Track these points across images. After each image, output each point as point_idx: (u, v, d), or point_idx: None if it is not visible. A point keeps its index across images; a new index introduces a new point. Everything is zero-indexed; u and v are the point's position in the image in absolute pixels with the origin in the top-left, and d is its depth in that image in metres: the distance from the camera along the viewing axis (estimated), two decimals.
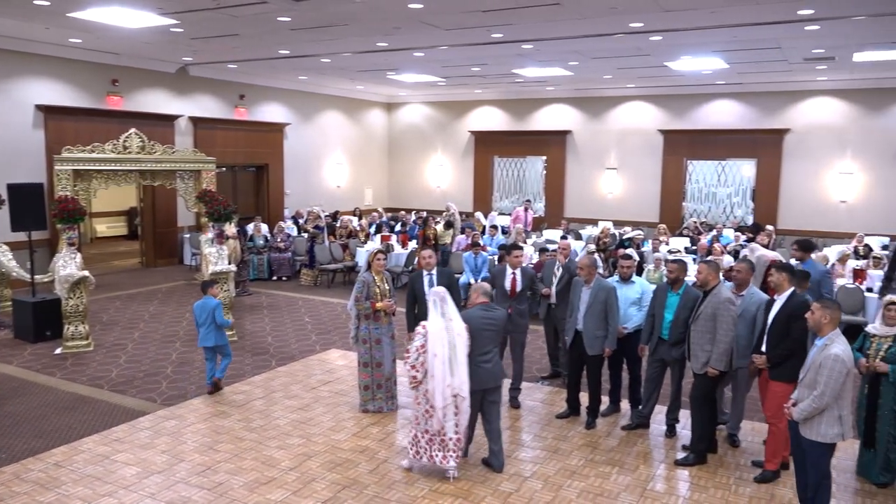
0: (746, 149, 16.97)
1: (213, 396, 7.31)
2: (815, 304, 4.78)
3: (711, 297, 5.73)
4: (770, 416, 5.50)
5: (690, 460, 5.80)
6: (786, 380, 5.21)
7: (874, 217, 15.60)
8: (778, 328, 5.35)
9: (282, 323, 10.63)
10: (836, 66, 13.71)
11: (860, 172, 15.87)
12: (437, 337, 5.32)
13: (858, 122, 15.85)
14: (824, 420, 4.55)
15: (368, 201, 21.09)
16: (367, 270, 6.84)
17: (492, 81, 17.52)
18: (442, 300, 5.45)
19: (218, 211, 10.66)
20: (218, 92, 16.52)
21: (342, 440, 6.23)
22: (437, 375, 5.28)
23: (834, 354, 4.49)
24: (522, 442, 6.25)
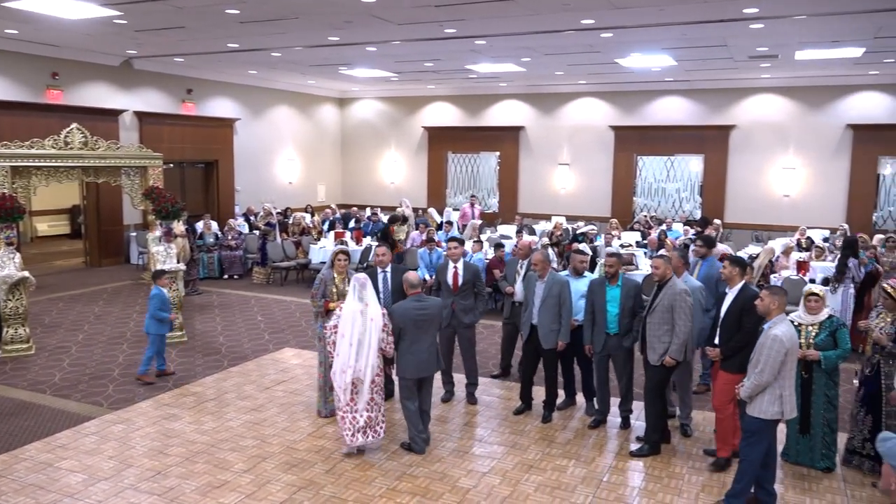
0: (694, 145, 17.35)
1: (163, 399, 7.11)
2: (764, 291, 4.95)
3: (667, 288, 5.81)
4: (717, 405, 5.62)
5: (645, 451, 5.89)
6: (735, 371, 5.33)
7: (815, 210, 16.13)
8: (730, 321, 5.47)
9: (234, 322, 10.42)
10: (779, 64, 14.10)
11: (802, 167, 16.39)
12: (349, 319, 5.64)
13: (800, 118, 16.36)
14: (766, 397, 4.73)
15: (321, 198, 20.85)
16: (329, 267, 6.64)
17: (445, 77, 17.49)
18: (362, 286, 5.73)
19: (165, 208, 10.37)
20: (164, 86, 16.09)
21: (297, 441, 6.12)
22: (341, 355, 5.64)
23: (773, 335, 4.69)
24: (480, 438, 6.25)
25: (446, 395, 7.20)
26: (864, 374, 5.58)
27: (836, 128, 16.03)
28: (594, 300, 6.32)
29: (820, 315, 5.52)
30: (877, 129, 15.61)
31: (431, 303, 5.94)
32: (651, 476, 5.52)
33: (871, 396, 5.49)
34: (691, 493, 5.24)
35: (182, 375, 7.88)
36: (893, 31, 10.80)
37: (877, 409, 5.44)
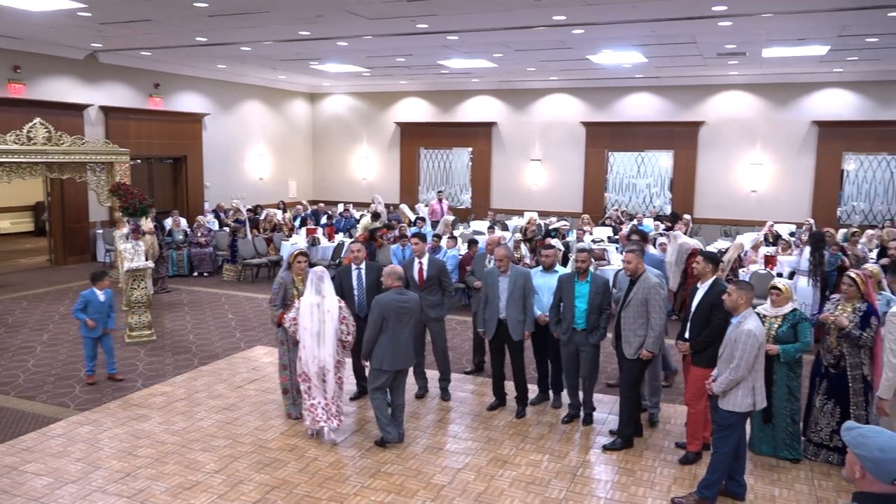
0: (664, 141, 17.54)
1: (132, 399, 6.99)
2: (731, 286, 5.04)
3: (640, 283, 5.86)
4: (689, 399, 5.69)
5: (618, 445, 5.94)
6: (705, 365, 5.39)
7: (782, 205, 16.43)
8: (700, 316, 5.52)
9: (204, 320, 10.28)
10: (747, 61, 14.31)
11: (769, 163, 16.67)
12: (307, 311, 5.82)
13: (767, 115, 16.63)
14: (740, 391, 4.81)
15: (293, 194, 20.67)
16: (286, 269, 6.50)
17: (417, 73, 17.44)
18: (319, 278, 5.90)
19: (133, 205, 10.17)
20: (130, 80, 15.79)
21: (270, 440, 6.06)
22: (306, 346, 5.84)
23: (747, 330, 4.76)
24: (454, 434, 6.25)
25: (420, 392, 7.19)
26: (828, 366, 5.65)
27: (801, 124, 16.32)
28: (562, 295, 6.35)
29: (784, 308, 5.61)
30: (841, 125, 15.94)
31: (412, 296, 5.98)
32: (624, 469, 5.57)
33: (837, 388, 5.58)
34: (663, 485, 5.30)
35: (151, 375, 7.75)
36: (857, 30, 11.02)
37: (844, 401, 5.54)
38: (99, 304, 7.49)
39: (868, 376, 5.51)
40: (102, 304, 7.51)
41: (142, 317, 9.17)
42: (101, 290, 7.53)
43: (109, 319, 7.60)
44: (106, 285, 7.62)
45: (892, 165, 16.06)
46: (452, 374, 7.54)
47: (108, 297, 7.62)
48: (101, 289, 7.54)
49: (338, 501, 5.01)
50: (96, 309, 7.45)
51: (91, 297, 7.45)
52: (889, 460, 2.17)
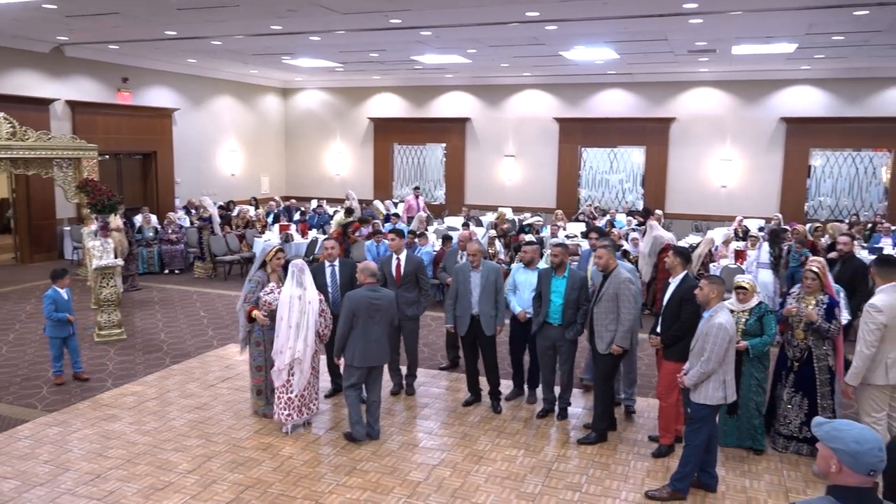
0: (636, 136, 17.69)
1: (102, 399, 6.87)
2: (703, 280, 5.11)
3: (612, 278, 5.91)
4: (660, 393, 5.75)
5: (592, 439, 5.99)
6: (676, 359, 5.46)
7: (751, 201, 16.68)
8: (671, 310, 5.59)
9: (175, 318, 10.15)
10: (717, 58, 14.48)
11: (739, 159, 16.91)
12: (286, 303, 5.86)
13: (736, 111, 16.86)
14: (711, 384, 4.88)
15: (265, 190, 20.47)
16: (260, 268, 6.36)
17: (390, 68, 17.36)
18: (301, 270, 5.96)
19: (101, 202, 10.02)
20: (98, 74, 15.49)
21: (243, 438, 6.00)
22: (280, 336, 5.87)
23: (718, 324, 4.83)
24: (429, 430, 6.24)
25: (395, 388, 7.18)
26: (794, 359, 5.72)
27: (770, 121, 16.58)
28: (541, 290, 6.38)
29: (750, 302, 5.70)
30: (808, 122, 16.22)
31: (385, 294, 5.95)
32: (598, 463, 5.62)
33: (804, 381, 5.67)
34: (637, 478, 5.36)
35: (122, 375, 7.63)
36: (823, 28, 11.21)
37: (811, 393, 5.65)
38: (64, 301, 7.36)
39: (833, 367, 5.62)
40: (67, 301, 7.39)
41: (111, 315, 9.02)
42: (63, 288, 7.41)
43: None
44: (67, 283, 7.47)
45: (857, 161, 16.40)
46: (427, 371, 7.55)
47: (70, 296, 7.54)
48: (63, 287, 7.41)
49: (313, 500, 4.99)
50: (64, 307, 7.32)
51: (57, 297, 7.31)
52: (865, 452, 2.20)
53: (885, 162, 16.16)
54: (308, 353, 5.94)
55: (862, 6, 9.57)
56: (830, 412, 5.62)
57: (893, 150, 15.90)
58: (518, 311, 6.72)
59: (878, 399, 5.31)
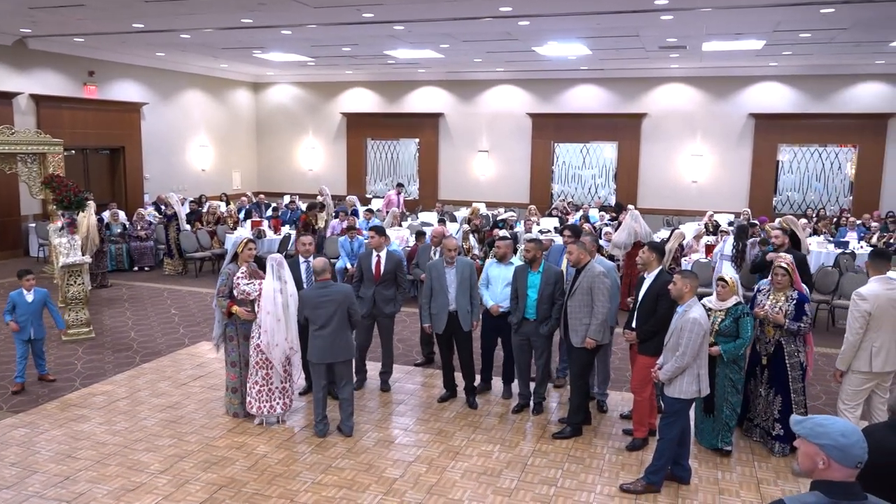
0: (608, 132, 17.82)
1: (70, 399, 6.73)
2: (677, 275, 5.15)
3: (585, 272, 5.94)
4: (635, 387, 5.80)
5: (567, 433, 6.02)
6: (651, 354, 5.51)
7: (721, 196, 16.90)
8: (646, 306, 5.63)
9: (146, 316, 9.98)
10: (687, 54, 14.63)
11: (709, 154, 17.12)
12: (269, 296, 5.88)
13: (706, 107, 17.06)
14: (685, 378, 4.92)
15: (237, 185, 20.23)
16: (232, 261, 6.33)
17: (363, 62, 17.24)
18: (279, 264, 5.99)
19: (68, 198, 9.80)
20: (63, 68, 15.14)
21: (217, 437, 5.93)
22: (269, 330, 5.88)
23: (693, 318, 4.87)
24: (405, 427, 6.22)
25: (357, 384, 7.12)
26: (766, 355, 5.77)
27: (739, 116, 16.81)
28: (517, 285, 6.39)
29: (728, 302, 5.57)
30: (776, 118, 16.48)
31: (335, 289, 5.91)
32: (573, 457, 5.65)
33: (777, 377, 5.69)
34: (612, 472, 5.40)
35: (90, 374, 7.48)
36: (791, 26, 11.38)
37: (784, 389, 5.69)
38: (26, 305, 7.03)
39: (804, 363, 5.70)
40: (30, 305, 7.04)
41: (79, 314, 8.84)
42: (28, 289, 7.08)
43: (39, 325, 7.11)
44: (30, 284, 7.11)
45: (823, 156, 16.70)
46: (402, 367, 7.53)
47: (41, 298, 7.14)
48: (28, 288, 7.08)
49: (288, 498, 4.94)
50: (24, 311, 7.00)
51: (18, 299, 7.02)
52: (852, 444, 2.22)
53: (850, 157, 16.49)
54: (297, 343, 6.04)
55: (828, 4, 9.73)
56: (803, 408, 5.69)
57: (858, 146, 16.23)
58: (490, 304, 6.72)
59: (858, 387, 5.45)
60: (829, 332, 9.42)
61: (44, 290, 7.24)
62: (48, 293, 7.30)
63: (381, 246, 7.05)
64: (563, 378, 7.24)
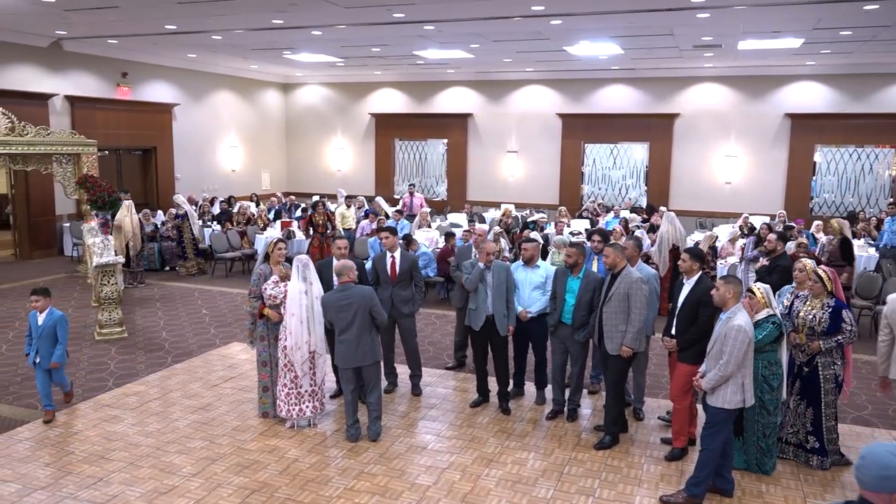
0: (640, 132, 17.56)
1: (104, 399, 6.75)
2: (719, 281, 4.98)
3: (622, 277, 5.78)
4: (674, 395, 5.62)
5: (607, 443, 5.86)
6: (691, 361, 5.34)
7: (755, 197, 16.56)
8: (686, 312, 5.46)
9: (177, 316, 10.02)
10: (722, 53, 14.35)
11: (743, 155, 16.78)
12: (295, 298, 5.87)
13: (741, 107, 16.73)
14: (729, 387, 4.75)
15: (266, 186, 20.34)
16: (264, 262, 6.37)
17: (392, 63, 17.20)
18: (305, 266, 5.98)
19: (101, 198, 9.89)
20: (97, 69, 15.33)
21: (249, 440, 5.89)
22: (293, 333, 5.88)
23: (737, 325, 4.69)
24: (437, 432, 6.12)
25: (389, 387, 7.08)
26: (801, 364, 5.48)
27: (774, 117, 16.45)
28: (556, 287, 6.30)
29: (758, 315, 5.14)
30: (813, 118, 16.10)
31: (355, 292, 5.79)
32: (611, 467, 5.50)
33: (810, 388, 5.44)
34: (651, 482, 5.24)
35: (123, 374, 7.51)
36: (831, 23, 11.08)
37: (816, 401, 5.44)
38: (36, 328, 6.13)
39: (840, 377, 5.42)
40: (40, 328, 6.11)
41: (112, 314, 8.89)
42: (41, 311, 6.16)
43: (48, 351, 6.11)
44: (40, 305, 6.16)
45: (861, 157, 16.27)
46: (433, 370, 7.44)
47: (52, 321, 6.15)
48: (40, 310, 6.16)
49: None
50: (34, 334, 6.15)
51: (30, 320, 6.21)
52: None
53: (889, 158, 16.04)
54: (322, 346, 6.02)
55: (872, 0, 9.44)
56: (833, 420, 5.45)
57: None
58: (519, 310, 6.60)
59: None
60: (872, 340, 9.11)
61: (59, 314, 6.25)
62: (63, 318, 6.28)
63: (396, 246, 6.99)
64: (598, 384, 7.10)
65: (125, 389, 7.06)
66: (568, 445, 5.89)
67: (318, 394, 6.16)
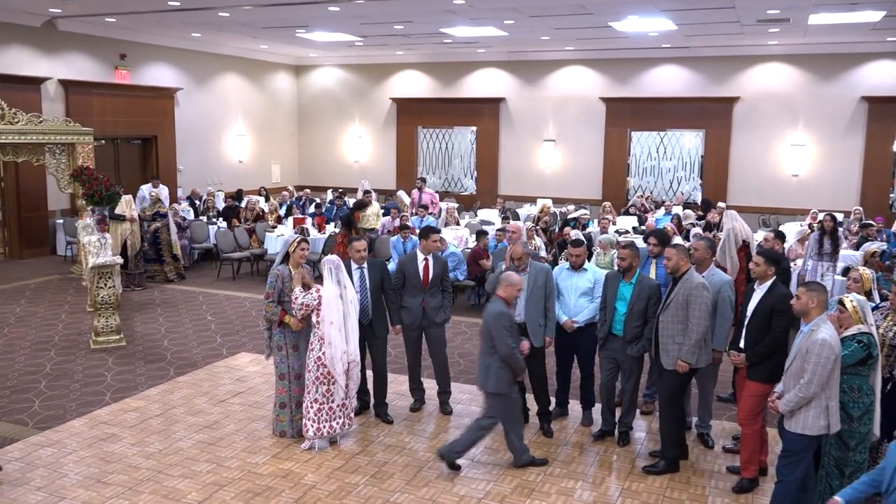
0: (693, 119, 17.32)
1: (100, 416, 6.74)
2: (801, 288, 4.78)
3: (682, 282, 5.63)
4: (743, 419, 5.45)
5: (661, 468, 5.73)
6: (762, 380, 5.17)
7: (826, 192, 16.22)
8: (758, 322, 5.28)
9: (180, 323, 10.04)
10: (790, 28, 14.06)
11: (812, 144, 16.45)
12: (332, 304, 5.91)
13: (811, 90, 16.39)
14: (811, 411, 4.58)
15: (276, 178, 20.42)
16: (283, 262, 6.32)
17: (416, 42, 17.15)
18: (337, 268, 6.04)
19: (98, 192, 9.91)
20: (94, 50, 15.47)
21: (260, 463, 5.83)
22: (334, 343, 5.90)
23: (821, 339, 4.51)
24: (471, 456, 6.00)
25: (415, 404, 7.02)
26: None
27: (849, 100, 16.09)
28: (606, 294, 6.19)
29: (848, 331, 4.82)
30: (894, 101, 15.69)
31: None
32: (670, 499, 5.35)
33: (890, 414, 5.12)
34: None
35: (121, 387, 7.51)
36: None
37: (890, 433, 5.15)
38: None
39: None
40: None
41: (109, 320, 8.93)
42: None
43: None
44: None
45: None
46: (465, 386, 7.36)
47: None
48: None
49: None
50: None
51: None
52: None
53: None
54: (357, 355, 6.14)
55: None
56: None
57: None
58: (564, 319, 6.47)
59: None
60: None
61: None
62: None
63: (435, 250, 6.89)
64: (652, 402, 6.94)
65: (123, 405, 7.05)
66: (621, 473, 5.75)
67: (349, 407, 6.19)
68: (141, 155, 17.08)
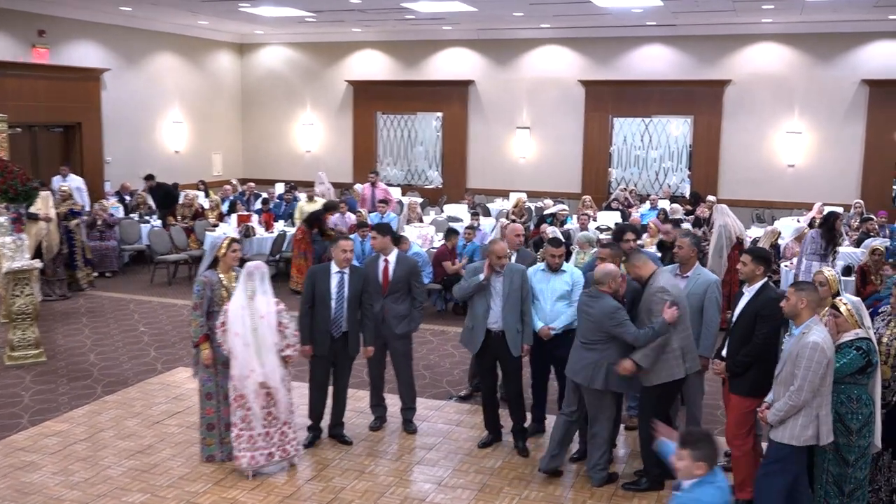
0: (681, 104, 17.55)
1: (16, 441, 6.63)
2: (790, 288, 4.91)
3: (646, 291, 5.72)
4: (729, 438, 5.54)
5: (643, 486, 5.83)
6: (745, 393, 5.26)
7: (825, 184, 16.53)
8: (742, 328, 5.35)
9: (108, 334, 9.96)
10: (786, 6, 14.33)
11: (809, 132, 16.77)
12: (237, 315, 5.81)
13: (807, 72, 16.71)
14: (800, 419, 4.69)
15: (217, 171, 20.28)
16: (211, 267, 6.29)
17: (375, 18, 17.16)
18: (249, 275, 5.86)
19: (13, 187, 9.71)
20: (7, 26, 15.20)
21: (200, 492, 5.81)
22: (238, 357, 5.79)
23: (812, 342, 4.62)
24: (438, 479, 6.06)
25: (375, 423, 7.04)
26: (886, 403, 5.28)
27: (849, 84, 16.42)
28: None
29: (843, 337, 4.93)
30: None
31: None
32: None
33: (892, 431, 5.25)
34: None
35: (41, 409, 7.43)
36: None
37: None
38: None
39: None
40: None
41: (27, 332, 8.80)
42: None
43: None
44: None
45: None
46: (431, 401, 7.41)
47: None
48: None
49: None
50: None
51: None
52: None
53: None
54: (276, 378, 5.86)
55: None
56: None
57: None
58: (539, 326, 6.52)
59: None
60: None
61: None
62: None
63: (388, 248, 6.89)
64: (635, 417, 7.02)
65: (43, 428, 6.97)
66: (602, 496, 5.82)
67: (275, 438, 5.99)
68: (63, 144, 16.82)
